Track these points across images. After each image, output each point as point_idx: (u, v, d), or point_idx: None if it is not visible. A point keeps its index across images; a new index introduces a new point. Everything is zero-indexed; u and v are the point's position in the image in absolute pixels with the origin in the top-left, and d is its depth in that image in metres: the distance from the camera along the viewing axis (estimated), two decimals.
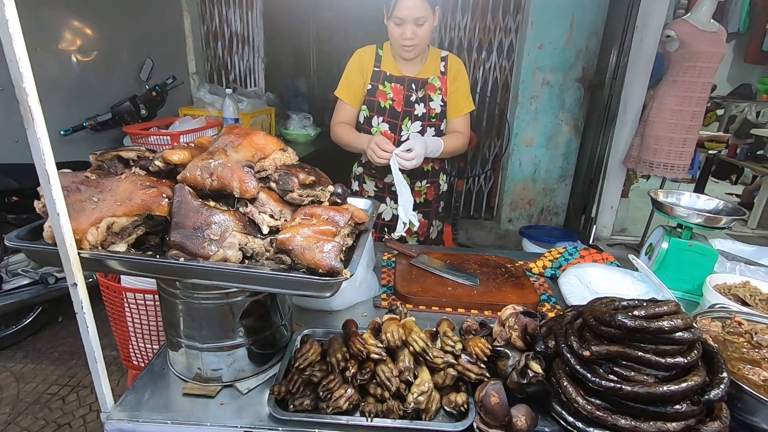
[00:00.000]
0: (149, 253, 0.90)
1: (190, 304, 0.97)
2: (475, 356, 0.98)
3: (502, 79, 4.05)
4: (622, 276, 1.51)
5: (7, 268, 2.62)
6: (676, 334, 0.84)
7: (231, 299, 0.96)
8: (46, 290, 2.66)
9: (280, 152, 0.99)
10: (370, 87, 1.90)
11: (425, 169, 2.01)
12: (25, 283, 2.66)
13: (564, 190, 4.11)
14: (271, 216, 0.92)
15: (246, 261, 0.89)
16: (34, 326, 2.83)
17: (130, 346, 1.69)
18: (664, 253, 1.50)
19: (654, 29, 3.26)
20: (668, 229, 1.55)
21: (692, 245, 1.48)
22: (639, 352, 0.85)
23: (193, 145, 0.99)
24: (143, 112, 3.14)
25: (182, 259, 0.83)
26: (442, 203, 2.20)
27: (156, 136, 2.73)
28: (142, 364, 1.68)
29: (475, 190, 4.42)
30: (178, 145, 0.96)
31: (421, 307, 1.37)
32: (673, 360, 0.84)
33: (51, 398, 2.40)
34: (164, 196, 0.88)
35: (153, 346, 1.62)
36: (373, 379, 0.95)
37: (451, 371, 0.97)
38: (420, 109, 1.90)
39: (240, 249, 0.87)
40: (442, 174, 2.12)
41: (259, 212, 0.91)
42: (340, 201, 0.98)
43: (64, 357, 2.68)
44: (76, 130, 2.91)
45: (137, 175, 0.92)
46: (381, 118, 1.91)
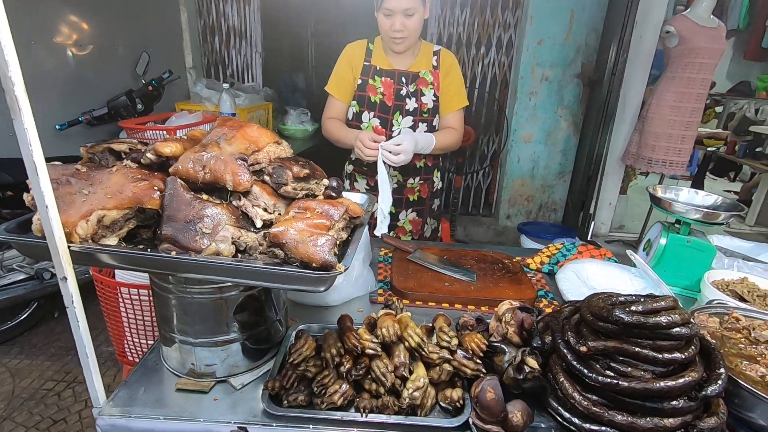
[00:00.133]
0: (141, 246, 0.88)
1: (183, 299, 0.95)
2: (471, 352, 0.97)
3: (500, 74, 4.03)
4: (620, 272, 1.50)
5: (2, 263, 2.60)
6: (674, 330, 0.83)
7: (224, 294, 0.95)
8: (42, 285, 2.64)
9: (275, 145, 0.98)
10: (360, 82, 1.87)
11: (417, 166, 1.97)
12: (21, 278, 2.64)
13: (562, 187, 4.10)
14: (265, 209, 0.90)
15: (239, 255, 0.88)
16: (29, 322, 2.81)
17: (125, 342, 1.68)
18: (662, 249, 1.50)
19: (653, 25, 3.24)
20: (666, 225, 1.55)
21: (690, 241, 1.47)
22: (636, 348, 0.84)
23: (185, 138, 0.98)
24: (139, 106, 3.12)
25: (174, 253, 0.82)
26: (437, 201, 2.17)
27: (152, 131, 2.71)
28: (137, 360, 1.67)
29: (474, 187, 4.40)
30: (170, 138, 0.94)
31: (417, 303, 1.37)
32: (670, 356, 0.84)
33: (46, 394, 2.39)
34: (156, 188, 0.87)
35: (148, 342, 1.61)
36: (368, 375, 0.94)
37: (447, 367, 0.96)
38: (411, 104, 1.87)
39: (233, 243, 0.85)
40: (436, 171, 2.08)
41: (253, 206, 0.90)
42: (335, 195, 0.97)
43: (60, 353, 2.67)
44: (71, 124, 2.89)
45: (129, 168, 0.90)
46: (372, 114, 1.88)
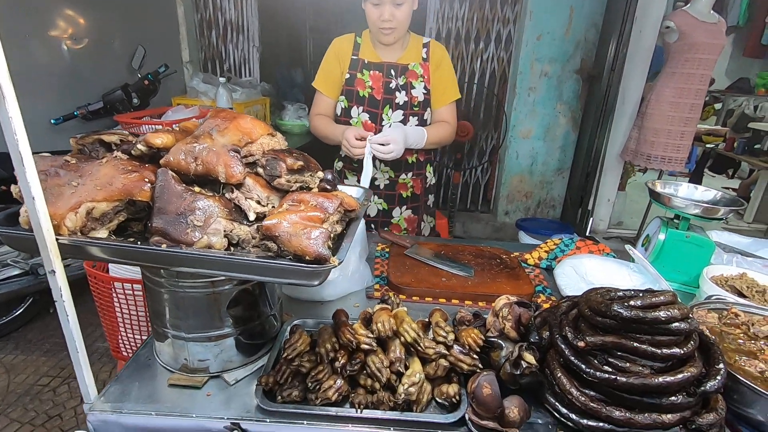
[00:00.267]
0: (131, 239, 0.87)
1: (176, 293, 0.94)
2: (467, 347, 0.96)
3: (499, 70, 4.01)
4: (618, 267, 1.49)
5: None
6: (673, 325, 0.82)
7: (217, 288, 0.94)
8: (37, 281, 2.62)
9: (268, 137, 0.96)
10: (348, 76, 1.83)
11: (409, 161, 1.94)
12: (16, 273, 2.61)
13: (561, 183, 4.09)
14: (258, 202, 0.89)
15: (232, 248, 0.86)
16: (24, 317, 2.80)
17: (120, 338, 1.66)
18: (660, 245, 1.49)
19: (653, 20, 3.22)
20: (665, 220, 1.53)
21: (689, 236, 1.46)
22: (634, 343, 0.83)
23: (177, 129, 0.96)
24: (135, 101, 3.09)
25: (164, 246, 0.81)
26: (431, 197, 2.14)
27: (148, 125, 2.68)
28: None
29: (472, 183, 4.39)
30: (162, 129, 0.92)
31: (414, 298, 1.35)
32: (669, 351, 0.82)
33: (42, 389, 2.37)
34: (146, 180, 0.85)
35: (142, 337, 1.59)
36: (363, 370, 0.93)
37: (443, 362, 0.95)
38: (401, 98, 1.83)
39: (225, 236, 0.84)
40: (429, 166, 2.05)
41: (246, 198, 0.89)
42: (329, 187, 0.95)
43: (55, 348, 2.65)
44: (66, 119, 2.86)
45: (119, 160, 0.89)
46: (361, 108, 1.84)
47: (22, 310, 2.77)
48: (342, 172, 2.03)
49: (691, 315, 0.85)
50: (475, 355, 0.95)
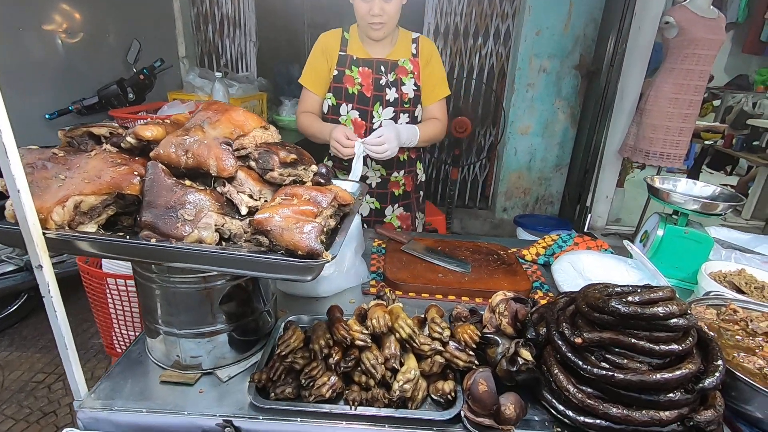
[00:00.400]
0: (120, 234, 0.85)
1: (167, 289, 0.92)
2: (463, 343, 0.95)
3: (498, 65, 3.98)
4: (616, 263, 1.48)
5: None
6: (671, 321, 0.81)
7: (210, 283, 0.92)
8: (32, 277, 2.56)
9: (261, 130, 0.94)
10: (336, 73, 1.80)
11: (401, 159, 1.92)
12: (10, 269, 2.60)
13: (559, 180, 4.08)
14: (250, 196, 0.87)
15: (223, 243, 0.85)
16: (19, 313, 2.78)
17: (113, 334, 1.65)
18: (659, 240, 1.48)
19: (653, 16, 3.20)
20: (664, 216, 1.52)
21: (688, 232, 1.45)
22: (632, 339, 0.82)
23: (169, 122, 0.94)
24: (131, 95, 3.07)
25: (154, 240, 0.79)
26: (421, 193, 2.12)
27: (143, 120, 2.66)
28: None
29: (470, 179, 4.37)
30: (152, 121, 0.91)
31: (410, 294, 1.34)
32: (667, 347, 0.81)
33: (36, 386, 2.36)
34: (136, 173, 0.83)
35: (136, 333, 1.58)
36: (358, 367, 0.92)
37: (439, 359, 0.94)
38: (392, 94, 1.80)
39: (216, 230, 0.82)
40: (419, 163, 2.04)
41: (238, 192, 0.87)
42: (323, 181, 0.94)
43: (50, 345, 2.64)
44: (61, 113, 2.83)
45: (108, 152, 0.87)
46: (350, 106, 1.81)
47: (16, 307, 2.75)
48: (332, 170, 2.00)
49: (689, 311, 0.84)
50: (471, 352, 0.94)
